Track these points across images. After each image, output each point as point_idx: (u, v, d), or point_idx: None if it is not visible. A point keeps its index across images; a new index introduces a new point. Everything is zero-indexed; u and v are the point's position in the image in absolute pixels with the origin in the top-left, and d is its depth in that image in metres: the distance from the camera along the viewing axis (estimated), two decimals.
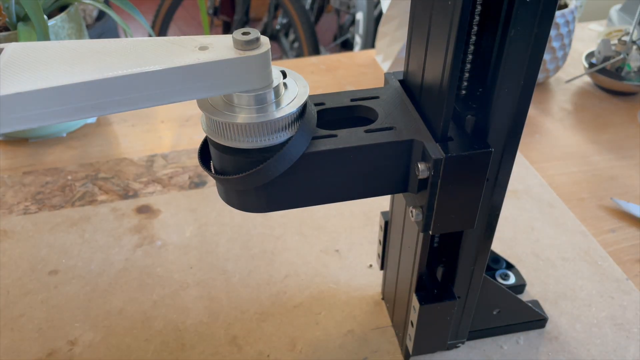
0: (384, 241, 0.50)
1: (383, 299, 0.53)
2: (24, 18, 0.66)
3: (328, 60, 0.98)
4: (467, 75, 0.34)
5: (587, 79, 0.90)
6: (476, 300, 0.44)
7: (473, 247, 0.40)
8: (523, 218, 0.63)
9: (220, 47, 0.30)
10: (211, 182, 0.68)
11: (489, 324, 0.49)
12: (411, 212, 0.35)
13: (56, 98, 0.27)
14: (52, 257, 0.58)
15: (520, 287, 0.53)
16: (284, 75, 0.34)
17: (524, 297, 0.53)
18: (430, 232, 0.36)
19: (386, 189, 0.36)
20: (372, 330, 0.51)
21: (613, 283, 0.55)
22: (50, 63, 0.28)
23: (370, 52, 0.99)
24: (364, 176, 0.35)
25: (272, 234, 0.61)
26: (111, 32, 1.47)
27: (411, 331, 0.44)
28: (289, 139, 0.32)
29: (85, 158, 0.73)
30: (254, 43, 0.30)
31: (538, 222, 0.62)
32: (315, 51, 1.87)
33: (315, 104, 0.37)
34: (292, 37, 2.08)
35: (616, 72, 0.84)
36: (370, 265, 0.57)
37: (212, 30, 2.30)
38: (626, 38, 0.82)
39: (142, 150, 0.75)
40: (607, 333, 0.50)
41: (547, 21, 0.29)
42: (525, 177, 0.69)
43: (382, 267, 0.52)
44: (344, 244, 0.59)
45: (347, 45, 2.18)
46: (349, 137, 0.33)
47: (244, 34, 0.30)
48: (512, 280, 0.53)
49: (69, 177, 0.69)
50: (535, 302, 0.51)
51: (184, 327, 0.51)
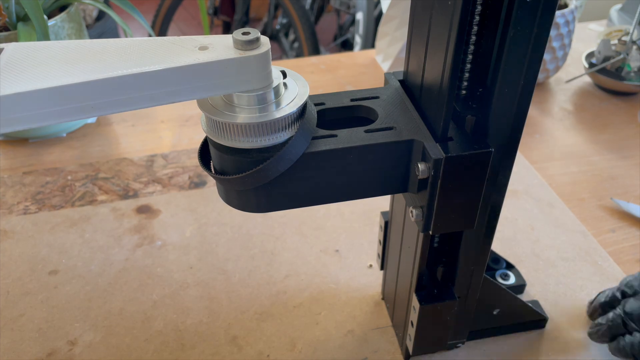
0: (384, 241, 0.50)
1: (383, 299, 0.53)
2: (24, 18, 0.66)
3: (328, 60, 0.98)
4: (467, 75, 0.34)
5: (587, 79, 0.90)
6: (476, 300, 0.44)
7: (473, 247, 0.40)
8: (523, 218, 0.63)
9: (221, 47, 0.30)
10: (211, 182, 0.68)
11: (489, 324, 0.49)
12: (411, 212, 0.35)
13: (56, 98, 0.27)
14: (52, 257, 0.58)
15: (520, 287, 0.53)
16: (284, 75, 0.34)
17: (524, 297, 0.53)
18: (430, 232, 0.36)
19: (386, 189, 0.36)
20: (372, 330, 0.51)
21: (613, 283, 0.55)
22: (50, 63, 0.28)
23: (370, 52, 0.99)
24: (364, 176, 0.35)
25: (272, 234, 0.61)
26: (111, 32, 1.47)
27: (411, 331, 0.44)
28: (289, 139, 0.32)
29: (85, 158, 0.73)
30: (254, 43, 0.30)
31: (538, 222, 0.62)
32: (315, 51, 1.86)
33: (315, 104, 0.37)
34: (292, 37, 2.08)
35: (616, 72, 0.84)
36: (370, 265, 0.57)
37: (212, 30, 2.30)
38: (626, 38, 0.82)
39: (142, 150, 0.75)
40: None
41: (547, 21, 0.29)
42: (525, 177, 0.69)
43: (382, 267, 0.52)
44: (344, 244, 0.59)
45: (347, 45, 2.18)
46: (349, 137, 0.33)
47: (244, 33, 0.30)
48: (512, 280, 0.53)
49: (69, 177, 0.69)
50: (536, 302, 0.51)
51: (184, 327, 0.51)
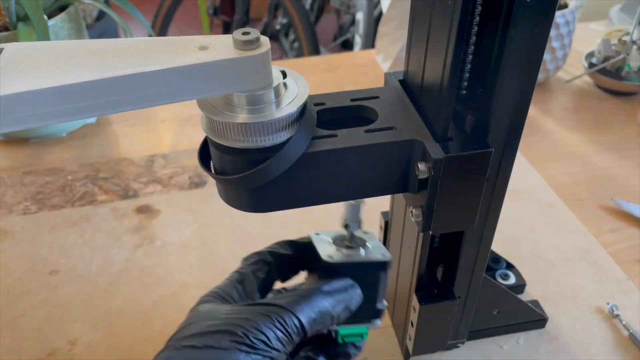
0: (384, 241, 0.50)
1: None
2: (24, 18, 0.66)
3: (328, 60, 0.98)
4: (467, 75, 0.34)
5: (587, 79, 0.90)
6: (476, 300, 0.44)
7: (473, 247, 0.40)
8: (523, 218, 0.63)
9: (220, 47, 0.30)
10: (211, 182, 0.68)
11: (489, 324, 0.49)
12: (411, 212, 0.35)
13: (56, 98, 0.27)
14: (52, 257, 0.58)
15: (520, 287, 0.53)
16: (284, 75, 0.34)
17: (524, 297, 0.53)
18: (431, 232, 0.36)
19: (386, 189, 0.36)
20: (373, 330, 0.51)
21: (613, 283, 0.55)
22: (51, 63, 0.28)
23: (370, 52, 0.99)
24: (364, 176, 0.34)
25: (272, 234, 0.60)
26: (111, 32, 1.47)
27: (411, 331, 0.44)
28: (288, 139, 0.32)
29: (85, 158, 0.73)
30: (254, 43, 0.30)
31: (538, 222, 0.62)
32: (316, 51, 1.86)
33: (315, 104, 0.36)
34: (292, 37, 2.08)
35: (616, 72, 0.84)
36: None
37: (212, 30, 2.30)
38: (626, 38, 0.82)
39: (142, 150, 0.75)
40: (608, 333, 0.50)
41: (547, 21, 0.29)
42: (526, 177, 0.69)
43: None
44: None
45: (347, 45, 2.18)
46: (349, 137, 0.33)
47: (244, 33, 0.30)
48: (512, 280, 0.53)
49: (69, 177, 0.69)
50: (536, 302, 0.51)
51: None
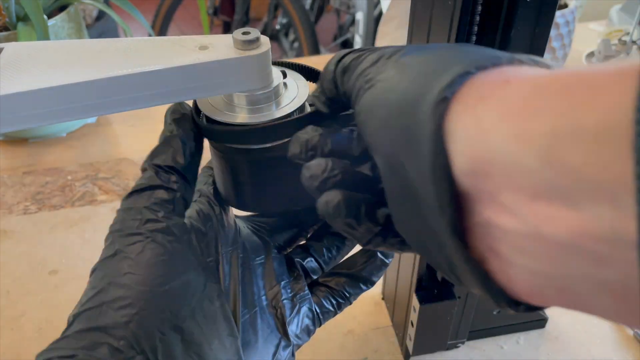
0: None
1: (383, 298, 0.53)
2: (23, 18, 0.66)
3: (328, 60, 0.98)
4: None
5: None
6: (476, 300, 0.44)
7: None
8: None
9: (221, 46, 0.30)
10: None
11: (489, 324, 0.49)
12: None
13: (56, 98, 0.27)
14: (52, 257, 0.58)
15: None
16: (284, 75, 0.34)
17: None
18: None
19: None
20: (373, 330, 0.51)
21: None
22: (50, 63, 0.28)
23: None
24: None
25: None
26: (111, 32, 1.47)
27: (411, 331, 0.44)
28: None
29: (85, 158, 0.73)
30: (254, 43, 0.30)
31: None
32: (316, 51, 1.86)
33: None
34: (292, 37, 2.08)
35: None
36: None
37: (212, 30, 2.30)
38: (626, 38, 0.82)
39: (142, 150, 0.74)
40: (607, 333, 0.50)
41: (547, 21, 0.29)
42: None
43: None
44: None
45: (347, 45, 2.17)
46: None
47: (244, 33, 0.30)
48: None
49: (69, 177, 0.69)
50: None
51: None
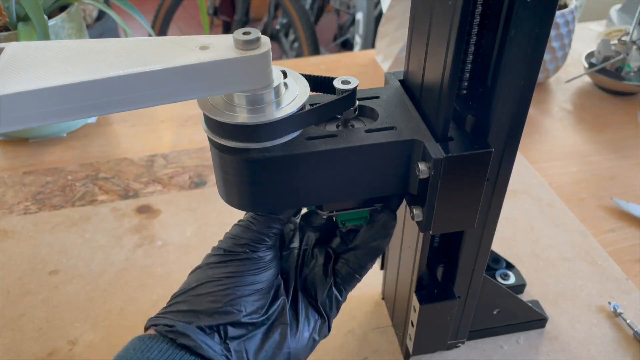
0: None
1: (383, 298, 0.53)
2: (24, 18, 0.66)
3: (328, 60, 0.98)
4: (467, 75, 0.34)
5: (587, 79, 0.90)
6: (476, 300, 0.44)
7: (473, 247, 0.40)
8: (523, 218, 0.63)
9: (221, 46, 0.30)
10: (211, 182, 0.68)
11: (489, 324, 0.49)
12: (411, 212, 0.35)
13: (56, 98, 0.27)
14: (52, 257, 0.58)
15: (520, 287, 0.53)
16: (285, 75, 0.34)
17: (524, 297, 0.53)
18: (431, 232, 0.36)
19: (386, 189, 0.36)
20: (373, 330, 0.51)
21: (613, 283, 0.55)
22: (51, 63, 0.28)
23: (370, 52, 0.99)
24: (364, 176, 0.34)
25: None
26: (111, 32, 1.47)
27: (411, 331, 0.44)
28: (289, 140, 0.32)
29: (86, 158, 0.73)
30: (254, 43, 0.30)
31: (538, 222, 0.62)
32: (315, 51, 1.86)
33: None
34: (292, 37, 2.08)
35: (616, 72, 0.84)
36: None
37: (212, 30, 2.29)
38: (626, 38, 0.82)
39: (143, 150, 0.75)
40: (607, 333, 0.50)
41: (547, 21, 0.29)
42: (525, 177, 0.69)
43: (382, 267, 0.52)
44: None
45: (347, 45, 2.18)
46: (349, 137, 0.33)
47: (245, 33, 0.30)
48: (512, 280, 0.53)
49: (69, 177, 0.69)
50: (536, 302, 0.51)
51: None
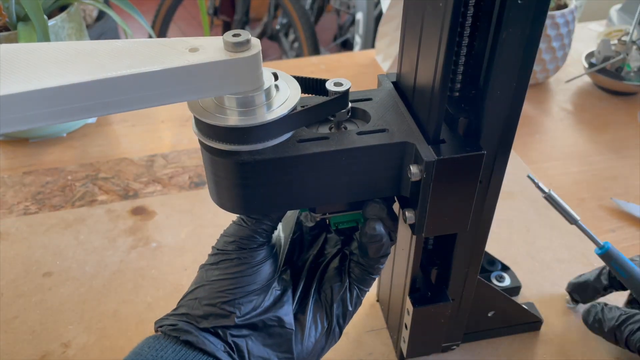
0: None
1: (378, 301, 0.53)
2: (24, 18, 0.66)
3: (328, 60, 0.98)
4: (459, 77, 0.34)
5: (587, 79, 0.89)
6: (470, 302, 0.44)
7: (467, 249, 0.40)
8: (519, 219, 0.62)
9: (211, 48, 0.30)
10: None
11: (484, 326, 0.49)
12: (404, 214, 0.35)
13: (46, 100, 0.27)
14: (46, 259, 0.58)
15: (515, 289, 0.53)
16: (276, 77, 0.34)
17: (519, 299, 0.53)
18: (423, 235, 0.35)
19: (379, 191, 0.36)
20: (367, 333, 0.51)
21: None
22: (41, 65, 0.28)
23: (370, 52, 0.99)
24: (356, 179, 0.34)
25: None
26: (111, 32, 1.47)
27: (405, 333, 0.44)
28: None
29: (86, 158, 0.73)
30: (244, 45, 0.29)
31: (534, 224, 0.62)
32: (315, 51, 1.86)
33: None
34: (292, 37, 2.08)
35: (616, 72, 0.83)
36: None
37: (212, 31, 2.29)
38: (626, 38, 0.82)
39: (142, 150, 0.75)
40: None
41: (539, 23, 0.29)
42: (521, 178, 0.69)
43: None
44: None
45: (347, 45, 2.17)
46: (341, 140, 0.33)
47: (235, 35, 0.30)
48: (507, 282, 0.53)
49: (69, 177, 0.69)
50: (531, 305, 0.51)
51: None
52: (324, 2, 2.15)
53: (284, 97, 0.33)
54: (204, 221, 0.62)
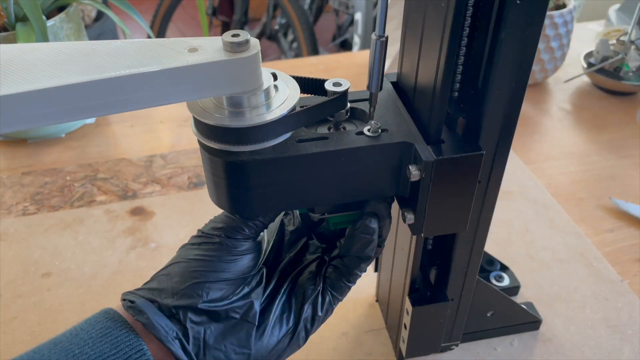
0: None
1: (377, 301, 0.53)
2: (22, 18, 0.66)
3: (327, 60, 0.98)
4: (459, 77, 0.34)
5: (585, 78, 0.89)
6: (469, 302, 0.44)
7: (466, 249, 0.40)
8: (518, 219, 0.62)
9: (210, 49, 0.30)
10: None
11: (483, 326, 0.49)
12: (404, 215, 0.35)
13: (45, 100, 0.27)
14: (45, 260, 0.58)
15: (514, 289, 0.53)
16: (275, 77, 0.34)
17: (518, 299, 0.53)
18: (423, 235, 0.35)
19: (378, 191, 0.36)
20: (366, 333, 0.51)
21: (608, 285, 0.55)
22: (40, 65, 0.28)
23: (369, 53, 0.99)
24: (355, 179, 0.34)
25: None
26: (110, 32, 1.47)
27: (404, 333, 0.44)
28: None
29: (84, 158, 0.73)
30: (243, 45, 0.29)
31: (533, 224, 0.62)
32: (314, 51, 1.86)
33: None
34: (290, 37, 2.08)
35: (615, 72, 0.84)
36: None
37: (211, 31, 2.30)
38: (624, 38, 0.82)
39: (141, 150, 0.75)
40: (602, 335, 0.50)
41: (538, 23, 0.29)
42: (520, 178, 0.69)
43: (376, 269, 0.52)
44: None
45: (346, 46, 2.18)
46: (340, 140, 0.33)
47: (234, 35, 0.30)
48: (506, 282, 0.53)
49: (68, 178, 0.69)
50: (530, 304, 0.51)
51: None
52: (322, 2, 2.15)
53: (283, 98, 0.33)
54: (203, 222, 0.62)
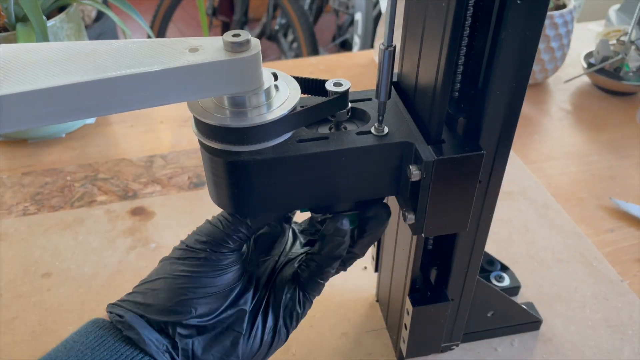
0: (378, 243, 0.49)
1: (377, 301, 0.53)
2: (23, 19, 0.66)
3: (327, 60, 0.98)
4: (459, 77, 0.34)
5: (585, 79, 0.89)
6: (470, 302, 0.44)
7: (466, 249, 0.40)
8: (518, 219, 0.62)
9: (211, 49, 0.30)
10: None
11: (483, 326, 0.49)
12: (404, 215, 0.35)
13: (45, 100, 0.27)
14: (45, 260, 0.58)
15: (515, 289, 0.53)
16: (275, 77, 0.34)
17: (518, 299, 0.53)
18: (423, 235, 0.35)
19: (378, 191, 0.36)
20: (367, 333, 0.51)
21: (608, 285, 0.55)
22: (40, 65, 0.28)
23: (369, 53, 0.99)
24: (356, 179, 0.34)
25: None
26: (110, 32, 1.47)
27: (405, 334, 0.44)
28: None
29: (85, 159, 0.73)
30: (244, 45, 0.29)
31: (533, 224, 0.62)
32: (314, 51, 1.86)
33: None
34: (290, 37, 2.08)
35: (615, 72, 0.84)
36: (365, 268, 0.57)
37: (211, 31, 2.29)
38: (625, 38, 0.82)
39: (141, 150, 0.75)
40: (602, 335, 0.50)
41: (538, 23, 0.29)
42: (521, 178, 0.69)
43: (376, 270, 0.52)
44: None
45: (346, 46, 2.18)
46: (341, 140, 0.33)
47: (235, 35, 0.30)
48: (506, 282, 0.53)
49: (68, 178, 0.69)
50: (530, 304, 0.51)
51: None
52: (322, 3, 2.15)
53: (283, 97, 0.33)
54: (203, 222, 0.62)
